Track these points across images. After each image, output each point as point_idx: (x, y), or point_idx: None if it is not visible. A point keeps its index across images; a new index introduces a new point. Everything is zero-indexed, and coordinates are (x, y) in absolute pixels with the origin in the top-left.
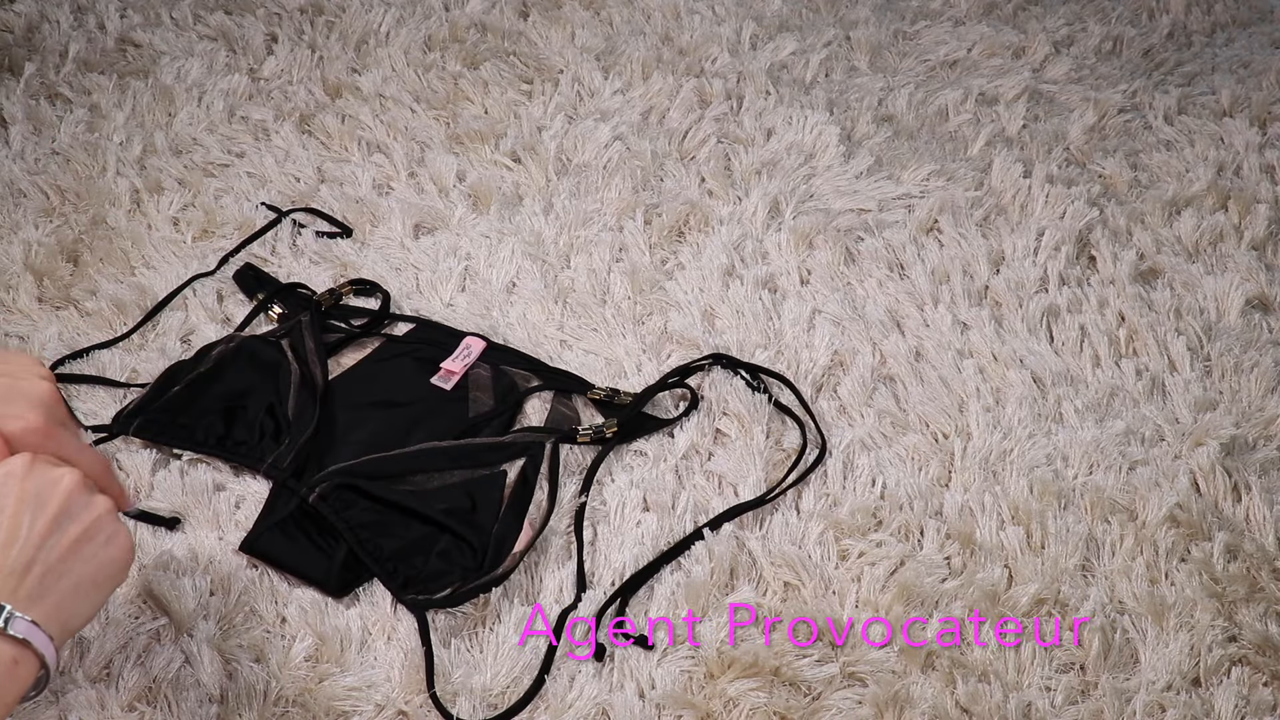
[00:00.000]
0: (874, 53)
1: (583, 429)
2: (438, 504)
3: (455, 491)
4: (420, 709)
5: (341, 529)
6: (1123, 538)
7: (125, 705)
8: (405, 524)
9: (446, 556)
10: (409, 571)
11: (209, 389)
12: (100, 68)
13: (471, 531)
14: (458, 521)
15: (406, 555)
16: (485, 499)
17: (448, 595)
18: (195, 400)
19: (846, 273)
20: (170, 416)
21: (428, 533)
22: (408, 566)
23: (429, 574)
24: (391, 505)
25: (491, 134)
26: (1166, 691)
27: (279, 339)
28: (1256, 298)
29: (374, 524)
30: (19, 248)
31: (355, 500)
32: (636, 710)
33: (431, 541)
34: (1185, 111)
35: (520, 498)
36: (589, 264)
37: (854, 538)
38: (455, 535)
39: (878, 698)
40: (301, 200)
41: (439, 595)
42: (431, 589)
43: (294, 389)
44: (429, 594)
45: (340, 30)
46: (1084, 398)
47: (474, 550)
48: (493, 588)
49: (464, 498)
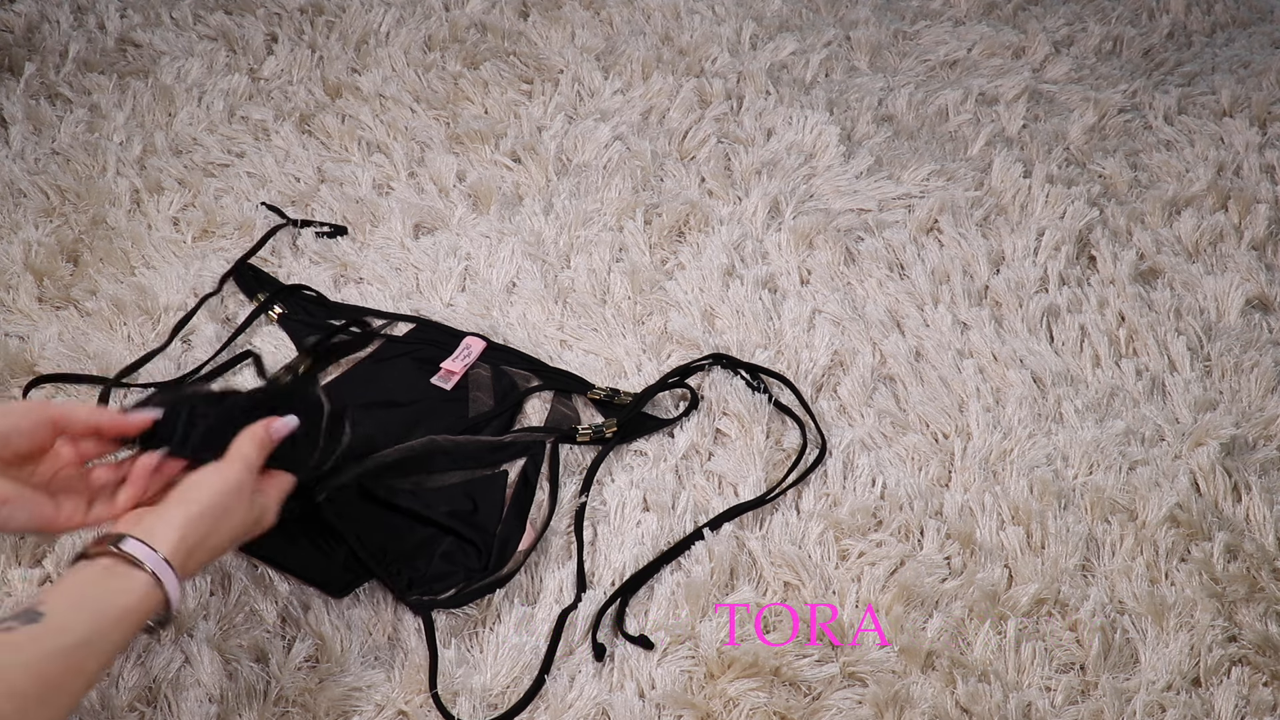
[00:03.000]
0: (874, 53)
1: (582, 429)
2: (440, 505)
3: (456, 492)
4: (420, 709)
5: (344, 531)
6: (1123, 538)
7: (125, 705)
8: (408, 525)
9: (450, 558)
10: (412, 573)
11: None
12: (100, 68)
13: (474, 532)
14: (460, 523)
15: (410, 557)
16: (487, 500)
17: (452, 596)
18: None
19: (846, 273)
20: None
21: (430, 534)
22: (411, 568)
23: (433, 575)
24: (393, 507)
25: (491, 134)
26: (1166, 691)
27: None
28: (1256, 298)
29: (376, 525)
30: (19, 248)
31: (356, 501)
32: (636, 710)
33: (434, 543)
34: (1185, 111)
35: (522, 498)
36: (589, 264)
37: (854, 538)
38: (458, 536)
39: (878, 698)
40: (301, 200)
41: (444, 596)
42: (436, 590)
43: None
44: (433, 594)
45: (340, 30)
46: (1084, 398)
47: (478, 551)
48: (497, 589)
49: (465, 499)
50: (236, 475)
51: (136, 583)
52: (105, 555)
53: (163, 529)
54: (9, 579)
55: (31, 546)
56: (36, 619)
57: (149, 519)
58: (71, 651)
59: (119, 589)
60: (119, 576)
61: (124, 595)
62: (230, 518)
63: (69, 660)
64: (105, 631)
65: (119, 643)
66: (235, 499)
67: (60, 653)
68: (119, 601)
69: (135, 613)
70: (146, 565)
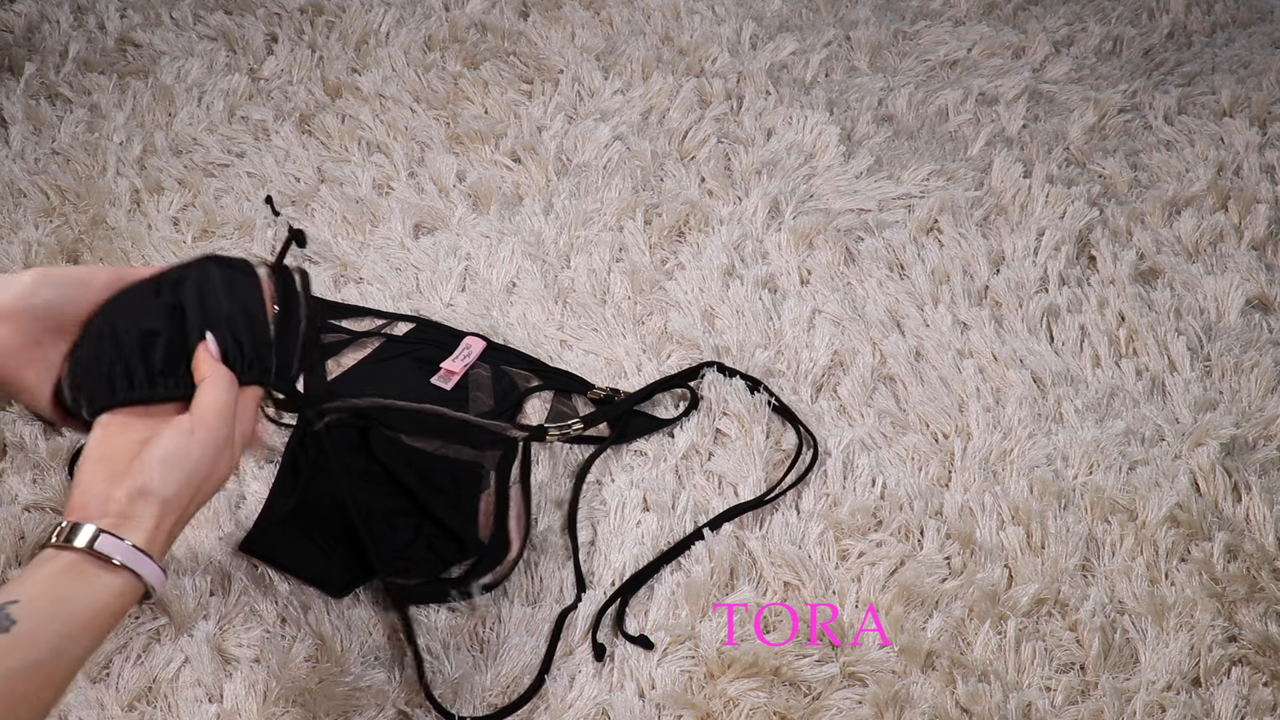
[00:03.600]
0: (874, 53)
1: (552, 428)
2: (429, 476)
3: (441, 466)
4: (420, 709)
5: (336, 471)
6: (1123, 538)
7: (125, 705)
8: (393, 492)
9: (431, 545)
10: (394, 555)
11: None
12: (100, 68)
13: (456, 518)
14: (443, 505)
15: (389, 535)
16: (467, 487)
17: (423, 584)
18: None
19: (846, 273)
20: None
21: (414, 521)
22: (391, 551)
23: (412, 558)
24: (385, 466)
25: (491, 134)
26: (1166, 691)
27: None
28: (1256, 298)
29: (366, 478)
30: (19, 248)
31: (355, 445)
32: (636, 710)
33: (416, 531)
34: (1185, 111)
35: (501, 498)
36: (589, 264)
37: (854, 538)
38: (440, 526)
39: (878, 698)
40: (301, 200)
41: (415, 582)
42: (410, 575)
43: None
44: (407, 580)
45: (340, 30)
46: (1084, 398)
47: (459, 544)
48: (472, 595)
49: (449, 478)
50: (219, 436)
51: (111, 580)
52: (71, 550)
53: (137, 515)
54: (9, 579)
55: (32, 547)
56: (8, 627)
57: (119, 496)
58: (41, 665)
59: (93, 589)
60: (91, 575)
61: (98, 594)
62: (207, 484)
63: (39, 673)
64: (76, 637)
65: (91, 644)
66: (214, 465)
67: (31, 667)
68: (94, 601)
69: (110, 609)
70: (116, 559)
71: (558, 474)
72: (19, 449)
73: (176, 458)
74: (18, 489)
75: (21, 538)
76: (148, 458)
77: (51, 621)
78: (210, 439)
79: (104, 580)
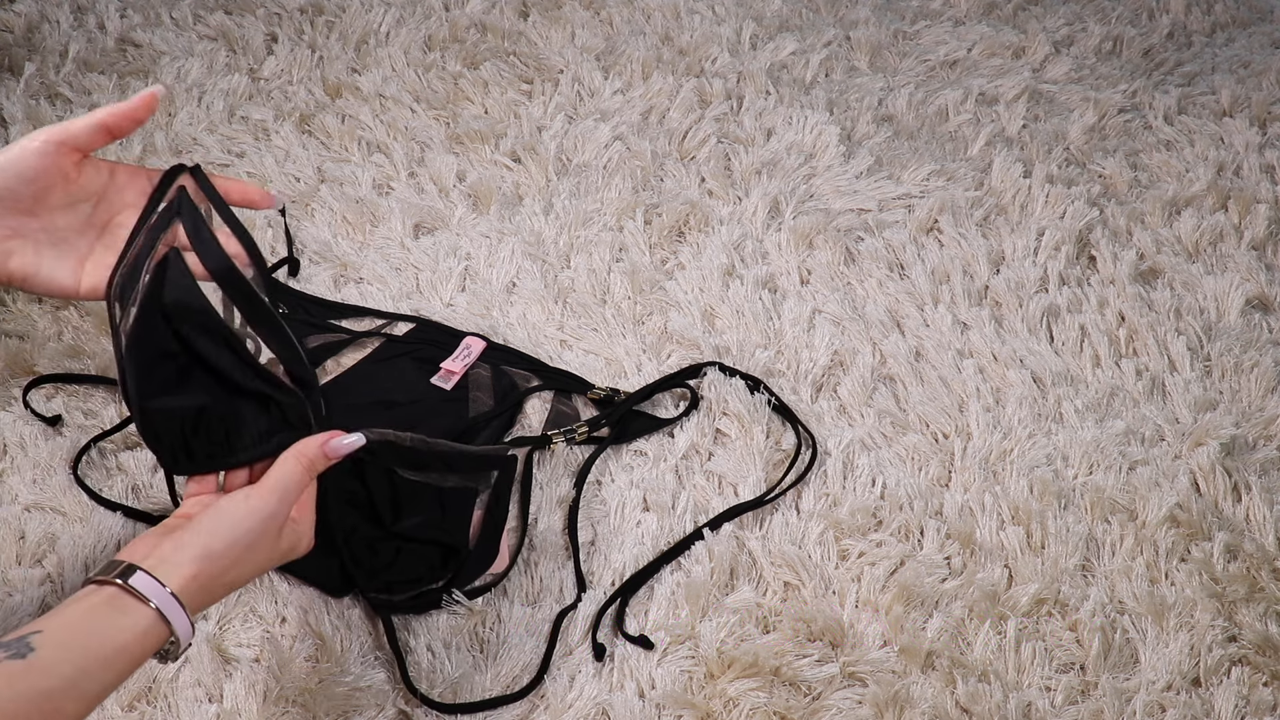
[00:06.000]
0: (874, 53)
1: (554, 434)
2: (417, 504)
3: (431, 495)
4: (420, 709)
5: (329, 492)
6: (1123, 538)
7: (125, 705)
8: (376, 519)
9: (416, 555)
10: (375, 568)
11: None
12: (100, 68)
13: (444, 534)
14: (427, 529)
15: (369, 560)
16: (456, 508)
17: (412, 598)
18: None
19: (846, 273)
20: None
21: (394, 544)
22: (373, 562)
23: (396, 572)
24: (370, 493)
25: (491, 134)
26: (1166, 691)
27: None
28: (1256, 298)
29: (351, 503)
30: None
31: (350, 470)
32: (636, 710)
33: (396, 553)
34: (1185, 111)
35: (495, 515)
36: (589, 264)
37: (854, 538)
38: (432, 543)
39: (878, 698)
40: (301, 200)
41: (401, 598)
42: (395, 590)
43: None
44: (390, 595)
45: (340, 30)
46: (1084, 398)
47: (445, 554)
48: (470, 599)
49: (436, 506)
50: (269, 508)
51: (138, 618)
52: (111, 585)
53: (176, 560)
54: (9, 579)
55: (32, 547)
56: (25, 654)
57: (166, 545)
58: (51, 695)
59: (117, 625)
60: (119, 611)
61: (122, 632)
62: (255, 553)
63: (48, 703)
64: (92, 672)
65: (111, 681)
66: (262, 535)
67: (39, 695)
68: (116, 639)
69: (133, 650)
70: (151, 602)
71: (557, 474)
72: (19, 449)
73: (225, 515)
74: (18, 489)
75: (21, 538)
76: (201, 515)
77: (69, 653)
78: (263, 507)
79: (130, 618)
